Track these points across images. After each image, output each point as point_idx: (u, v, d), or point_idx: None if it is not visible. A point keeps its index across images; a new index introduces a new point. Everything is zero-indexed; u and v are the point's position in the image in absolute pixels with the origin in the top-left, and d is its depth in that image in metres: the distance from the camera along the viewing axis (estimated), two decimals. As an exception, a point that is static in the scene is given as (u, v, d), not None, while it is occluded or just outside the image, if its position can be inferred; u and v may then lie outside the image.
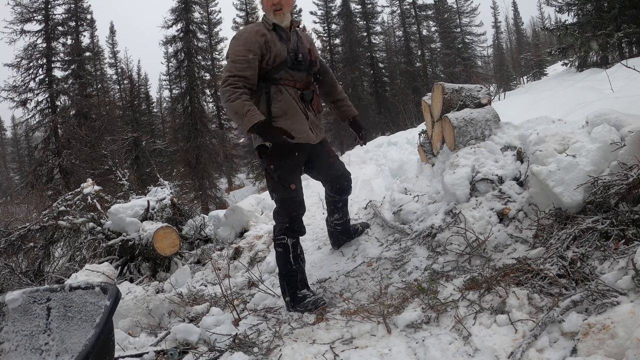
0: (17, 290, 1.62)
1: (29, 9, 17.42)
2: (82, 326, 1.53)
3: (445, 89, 3.06)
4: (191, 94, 21.78)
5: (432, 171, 3.22)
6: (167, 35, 22.84)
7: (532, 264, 1.86)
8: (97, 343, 1.30)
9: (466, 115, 2.90)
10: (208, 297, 2.97)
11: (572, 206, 2.02)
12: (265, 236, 3.73)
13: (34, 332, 1.56)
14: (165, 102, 28.99)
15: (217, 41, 24.88)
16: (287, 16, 2.37)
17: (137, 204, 4.49)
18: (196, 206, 13.97)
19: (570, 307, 1.55)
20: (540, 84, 13.24)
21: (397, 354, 1.69)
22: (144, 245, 4.02)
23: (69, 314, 1.55)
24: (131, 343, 2.27)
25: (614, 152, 2.03)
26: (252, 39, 2.26)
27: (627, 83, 5.70)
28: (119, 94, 27.16)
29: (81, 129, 16.15)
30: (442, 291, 2.01)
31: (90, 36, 23.13)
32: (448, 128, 2.92)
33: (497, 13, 42.18)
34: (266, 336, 2.11)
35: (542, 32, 35.72)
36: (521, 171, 2.50)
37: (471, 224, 2.33)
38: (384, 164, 5.01)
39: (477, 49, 30.59)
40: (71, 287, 1.57)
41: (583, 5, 13.78)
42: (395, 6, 28.33)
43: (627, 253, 1.64)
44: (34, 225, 4.35)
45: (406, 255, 2.51)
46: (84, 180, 5.33)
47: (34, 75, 17.65)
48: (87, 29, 20.71)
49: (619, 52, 13.28)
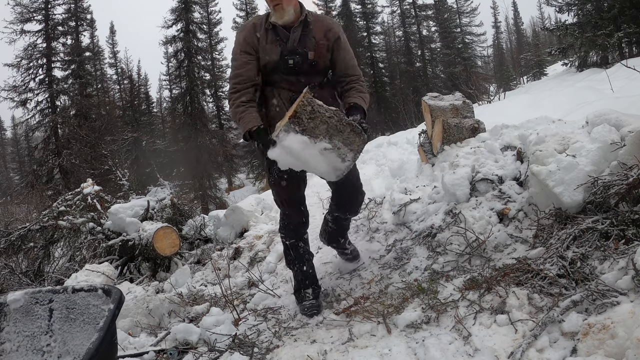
0: (19, 290, 1.62)
1: (29, 9, 17.44)
2: (85, 328, 1.53)
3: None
4: (191, 94, 21.78)
5: (432, 171, 3.22)
6: (167, 35, 22.85)
7: (532, 264, 1.86)
8: (101, 346, 1.30)
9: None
10: (208, 297, 2.97)
11: (572, 206, 2.02)
12: (265, 236, 3.73)
13: (36, 333, 1.56)
14: (165, 102, 28.94)
15: (217, 41, 24.85)
16: (287, 11, 2.12)
17: (137, 204, 4.49)
18: (196, 206, 13.96)
19: (570, 307, 1.55)
20: (540, 84, 13.25)
21: (397, 354, 1.69)
22: (144, 245, 4.02)
23: (72, 316, 1.56)
24: (131, 343, 2.27)
25: (614, 152, 2.03)
26: (247, 38, 2.17)
27: (627, 83, 5.70)
28: (119, 94, 27.15)
29: (81, 129, 16.17)
30: (442, 291, 2.01)
31: (90, 36, 23.12)
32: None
33: (497, 13, 42.17)
34: (266, 336, 2.11)
35: (542, 32, 35.73)
36: (521, 171, 2.50)
37: (471, 224, 2.33)
38: (384, 164, 5.01)
39: (477, 49, 30.59)
40: (74, 288, 1.58)
41: (583, 5, 13.79)
42: (395, 6, 28.33)
43: (627, 253, 1.64)
44: (34, 225, 4.35)
45: (406, 256, 2.51)
46: (84, 180, 5.34)
47: (34, 75, 17.68)
48: (87, 29, 20.73)
49: (619, 52, 13.29)
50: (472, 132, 3.16)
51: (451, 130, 3.17)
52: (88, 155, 15.61)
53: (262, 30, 2.16)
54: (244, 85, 2.14)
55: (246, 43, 2.16)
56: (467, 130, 3.16)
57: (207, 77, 23.64)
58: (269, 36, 2.16)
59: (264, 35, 2.16)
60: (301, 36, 2.17)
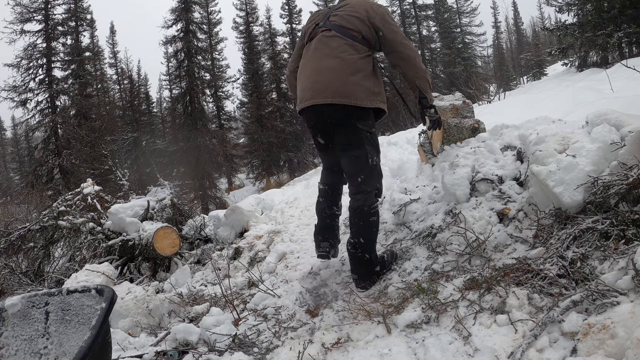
0: (16, 295, 1.63)
1: (29, 9, 17.46)
2: (80, 329, 1.53)
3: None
4: (191, 94, 21.78)
5: (432, 171, 3.22)
6: (167, 35, 22.91)
7: (532, 264, 1.86)
8: (93, 345, 1.30)
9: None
10: (208, 297, 2.97)
11: (572, 206, 2.02)
12: (265, 236, 3.73)
13: (33, 337, 1.57)
14: (165, 102, 28.98)
15: (217, 41, 24.87)
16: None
17: (137, 204, 4.49)
18: (196, 206, 13.98)
19: (570, 307, 1.55)
20: (540, 84, 13.25)
21: (397, 354, 1.69)
22: (144, 245, 4.02)
23: (67, 318, 1.56)
24: (131, 343, 2.26)
25: (614, 152, 2.03)
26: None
27: (627, 83, 5.71)
28: (119, 94, 27.16)
29: (81, 129, 16.18)
30: (442, 291, 2.01)
31: (90, 36, 23.17)
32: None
33: (497, 13, 42.28)
34: (266, 336, 2.11)
35: (542, 32, 35.74)
36: (521, 171, 2.50)
37: (471, 224, 2.33)
38: (384, 163, 4.97)
39: (477, 49, 30.62)
40: (68, 290, 1.58)
41: (583, 5, 13.80)
42: (395, 6, 28.31)
43: (627, 253, 1.64)
44: (34, 225, 4.35)
45: (406, 255, 2.51)
46: (84, 180, 5.33)
47: (34, 75, 17.69)
48: (87, 29, 20.78)
49: (619, 52, 13.29)
50: (472, 132, 3.16)
51: (451, 130, 3.17)
52: (88, 155, 15.61)
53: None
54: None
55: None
56: (467, 130, 3.16)
57: (207, 77, 23.66)
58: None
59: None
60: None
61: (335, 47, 2.27)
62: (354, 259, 2.32)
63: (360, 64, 2.25)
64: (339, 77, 2.20)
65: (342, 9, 2.40)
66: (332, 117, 2.26)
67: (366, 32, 2.30)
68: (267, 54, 26.12)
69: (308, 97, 2.27)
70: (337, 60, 2.24)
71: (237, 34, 26.08)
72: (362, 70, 2.24)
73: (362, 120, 2.26)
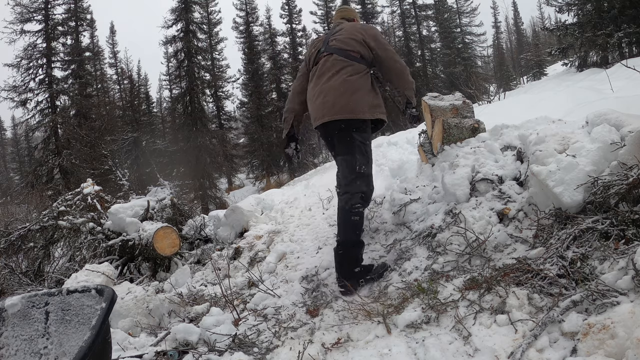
0: (16, 295, 1.63)
1: (29, 9, 17.43)
2: (80, 329, 1.53)
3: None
4: (191, 94, 21.78)
5: (432, 171, 3.21)
6: (167, 35, 22.89)
7: (532, 264, 1.86)
8: (93, 345, 1.30)
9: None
10: (208, 297, 2.97)
11: (572, 206, 2.02)
12: (265, 236, 3.73)
13: (33, 337, 1.57)
14: (165, 102, 28.98)
15: (217, 41, 24.87)
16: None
17: (137, 204, 4.49)
18: (196, 206, 13.98)
19: (570, 307, 1.55)
20: (540, 84, 13.25)
21: (397, 354, 1.69)
22: (144, 245, 4.02)
23: (67, 318, 1.56)
24: (131, 343, 2.26)
25: (614, 152, 2.03)
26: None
27: (627, 83, 5.71)
28: (119, 94, 27.17)
29: (81, 129, 16.18)
30: (442, 291, 2.01)
31: (90, 36, 23.17)
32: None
33: (497, 13, 42.27)
34: (266, 336, 2.11)
35: (542, 32, 35.71)
36: (521, 171, 2.50)
37: (471, 224, 2.33)
38: (384, 164, 5.00)
39: (477, 49, 30.61)
40: (68, 290, 1.58)
41: (583, 5, 13.80)
42: (395, 6, 28.32)
43: (627, 253, 1.64)
44: (34, 225, 4.35)
45: (406, 255, 2.51)
46: (84, 180, 5.33)
47: (34, 75, 17.67)
48: (87, 29, 20.75)
49: (619, 52, 13.29)
50: (472, 132, 3.16)
51: (451, 130, 3.17)
52: (88, 155, 15.61)
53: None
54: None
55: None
56: (467, 130, 3.16)
57: (207, 77, 23.66)
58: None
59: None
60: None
61: (337, 69, 2.59)
62: (336, 256, 2.47)
63: (360, 82, 2.57)
64: (344, 96, 2.52)
65: (339, 33, 2.75)
66: (335, 128, 2.57)
67: (364, 52, 2.65)
68: (267, 54, 26.14)
69: (319, 116, 2.58)
70: (340, 81, 2.55)
71: (237, 34, 26.12)
72: (362, 87, 2.56)
73: (359, 131, 2.56)
